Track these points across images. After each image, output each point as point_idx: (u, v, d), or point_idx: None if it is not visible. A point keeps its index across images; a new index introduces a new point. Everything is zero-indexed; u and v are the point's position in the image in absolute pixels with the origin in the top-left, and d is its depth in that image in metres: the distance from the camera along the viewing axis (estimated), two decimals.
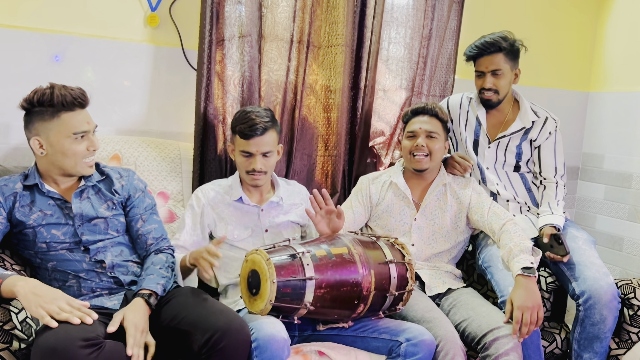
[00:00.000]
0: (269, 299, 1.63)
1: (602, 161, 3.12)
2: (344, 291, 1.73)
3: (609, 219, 3.06)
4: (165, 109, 2.39)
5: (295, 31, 2.36)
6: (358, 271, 1.76)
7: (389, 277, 1.82)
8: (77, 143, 1.73)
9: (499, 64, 2.26)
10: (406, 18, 2.59)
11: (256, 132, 1.97)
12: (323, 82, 2.47)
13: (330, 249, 1.78)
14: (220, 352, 1.53)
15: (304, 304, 1.68)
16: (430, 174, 2.24)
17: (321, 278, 1.70)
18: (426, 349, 1.77)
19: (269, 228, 2.09)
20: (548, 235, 2.21)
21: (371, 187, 2.26)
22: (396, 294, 1.83)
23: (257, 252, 1.71)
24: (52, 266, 1.76)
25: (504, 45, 2.25)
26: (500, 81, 2.28)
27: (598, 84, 3.17)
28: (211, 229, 2.08)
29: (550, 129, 2.35)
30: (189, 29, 2.34)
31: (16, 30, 2.11)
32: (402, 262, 1.88)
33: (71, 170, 1.76)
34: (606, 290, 2.05)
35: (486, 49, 2.26)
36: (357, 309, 1.78)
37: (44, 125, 1.70)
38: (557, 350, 2.22)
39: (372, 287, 1.77)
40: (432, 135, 2.15)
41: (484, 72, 2.29)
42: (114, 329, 1.56)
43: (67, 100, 1.69)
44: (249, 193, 2.10)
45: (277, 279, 1.63)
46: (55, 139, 1.71)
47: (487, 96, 2.31)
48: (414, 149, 2.16)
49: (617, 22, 3.07)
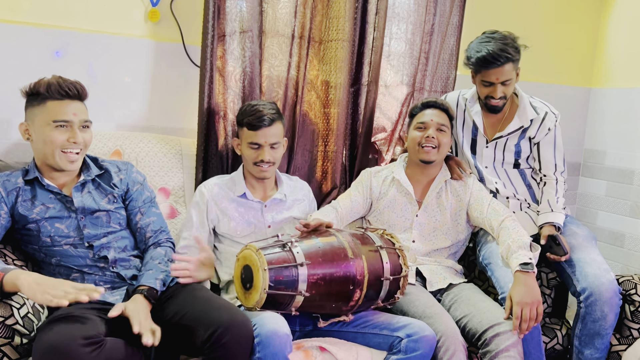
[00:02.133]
0: (263, 287, 1.65)
1: (604, 157, 3.11)
2: (338, 277, 1.75)
3: (611, 215, 3.06)
4: (166, 104, 2.38)
5: (297, 26, 2.35)
6: (349, 257, 1.78)
7: (381, 262, 1.85)
8: (57, 132, 1.71)
9: (509, 74, 2.18)
10: (408, 13, 2.58)
11: (264, 122, 1.99)
12: (324, 77, 2.46)
13: (319, 238, 1.81)
14: (223, 347, 1.54)
15: (299, 291, 1.69)
16: (433, 170, 2.24)
17: (313, 263, 1.72)
18: (427, 345, 1.77)
19: (272, 224, 2.09)
20: (545, 237, 2.21)
21: (372, 180, 2.26)
22: (391, 278, 1.85)
23: (246, 247, 1.74)
24: (56, 261, 1.76)
25: (514, 55, 2.15)
26: (509, 88, 2.23)
27: (600, 79, 3.16)
28: (214, 225, 2.08)
29: (549, 124, 2.31)
30: (190, 25, 2.33)
31: (17, 26, 2.10)
32: (392, 248, 1.90)
33: (51, 161, 1.74)
34: (607, 287, 2.05)
35: (495, 60, 2.14)
36: (353, 295, 1.78)
37: (31, 111, 1.72)
38: (558, 346, 2.22)
39: (365, 271, 1.79)
40: (442, 129, 2.16)
41: (493, 82, 2.20)
42: (116, 314, 1.57)
43: (52, 88, 1.70)
44: (252, 189, 2.11)
45: (268, 266, 1.65)
46: (38, 125, 1.71)
47: (495, 103, 2.25)
48: (423, 140, 2.15)
49: (619, 18, 3.06)
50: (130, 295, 1.69)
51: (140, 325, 1.54)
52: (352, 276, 1.76)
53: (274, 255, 1.70)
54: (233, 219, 2.06)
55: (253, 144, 2.02)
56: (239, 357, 1.57)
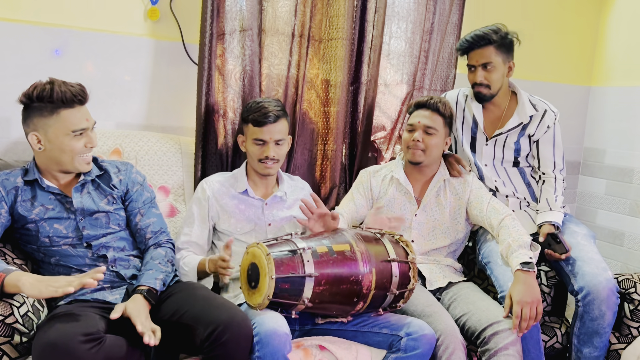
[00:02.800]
0: (267, 294, 1.64)
1: (604, 156, 3.11)
2: (344, 289, 1.73)
3: (610, 214, 3.06)
4: (166, 103, 2.38)
5: (297, 25, 2.35)
6: (359, 269, 1.75)
7: (391, 275, 1.81)
8: (75, 140, 1.72)
9: (489, 57, 2.22)
10: (407, 12, 2.58)
11: (269, 119, 2.01)
12: (324, 76, 2.46)
13: (332, 245, 1.77)
14: (223, 346, 1.54)
15: (302, 300, 1.68)
16: (429, 169, 2.24)
17: (321, 275, 1.69)
18: (427, 344, 1.77)
19: (272, 222, 2.09)
20: (545, 234, 2.21)
21: (372, 180, 2.26)
22: (397, 292, 1.83)
23: (257, 245, 1.71)
24: (55, 261, 1.76)
25: (495, 38, 2.21)
26: (492, 75, 2.24)
27: (600, 78, 3.16)
28: (214, 221, 2.08)
29: (548, 122, 2.32)
30: (190, 23, 2.33)
31: (17, 24, 2.10)
32: (405, 260, 1.86)
33: (68, 167, 1.76)
34: (605, 285, 2.05)
35: (476, 42, 2.22)
36: (356, 306, 1.78)
37: (42, 121, 1.70)
38: (558, 344, 2.22)
39: (372, 285, 1.77)
40: (429, 132, 2.15)
41: (475, 65, 2.25)
42: (117, 315, 1.57)
43: (67, 97, 1.68)
44: (254, 186, 2.11)
45: (275, 275, 1.63)
46: (53, 136, 1.70)
47: (478, 89, 2.28)
48: (410, 143, 2.16)
49: (619, 16, 3.06)
50: (130, 295, 1.69)
51: (142, 325, 1.55)
52: (358, 290, 1.75)
53: (283, 260, 1.67)
54: (233, 216, 2.06)
55: (258, 140, 2.03)
56: (238, 355, 1.57)
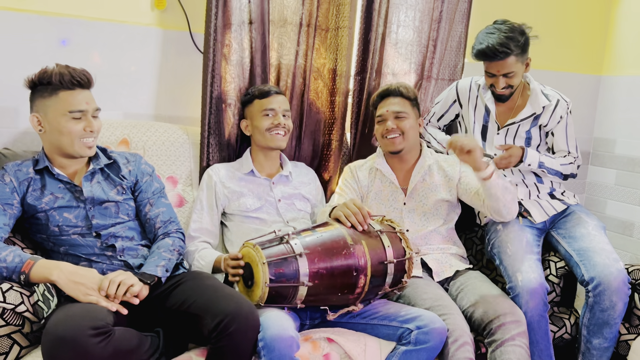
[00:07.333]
0: (264, 281, 1.65)
1: (614, 146, 3.08)
2: (340, 264, 1.74)
3: (620, 204, 3.04)
4: (174, 93, 2.38)
5: (304, 14, 2.33)
6: (348, 243, 1.77)
7: (383, 246, 1.83)
8: (73, 122, 1.72)
9: (510, 67, 2.17)
10: (415, 1, 2.55)
11: (273, 90, 2.15)
12: (330, 65, 2.44)
13: (317, 229, 1.81)
14: (230, 337, 1.54)
15: (301, 282, 1.68)
16: (410, 155, 2.22)
17: (312, 253, 1.71)
18: (438, 337, 1.76)
19: (282, 198, 2.14)
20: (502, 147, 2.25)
21: (359, 174, 2.26)
22: (395, 261, 1.83)
23: (244, 245, 1.75)
24: (64, 250, 1.77)
25: (513, 48, 2.12)
26: (514, 80, 2.21)
27: (610, 67, 3.13)
28: (224, 206, 2.12)
29: (561, 112, 2.31)
30: (197, 12, 2.32)
31: (23, 14, 2.09)
32: (393, 232, 1.88)
33: (69, 150, 1.76)
34: (616, 276, 2.04)
35: (496, 55, 2.13)
36: (358, 282, 1.77)
37: (43, 102, 1.72)
38: (567, 335, 2.22)
39: (367, 255, 1.78)
40: (400, 116, 2.15)
41: (495, 74, 2.20)
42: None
43: (65, 78, 1.70)
44: (260, 167, 2.17)
45: (267, 259, 1.66)
46: (52, 116, 1.71)
47: (500, 92, 2.26)
48: (385, 132, 2.16)
49: (630, 5, 3.02)
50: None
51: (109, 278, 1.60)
52: (354, 262, 1.75)
53: (272, 250, 1.70)
54: (243, 195, 2.10)
55: (268, 110, 2.12)
56: (244, 346, 1.57)
